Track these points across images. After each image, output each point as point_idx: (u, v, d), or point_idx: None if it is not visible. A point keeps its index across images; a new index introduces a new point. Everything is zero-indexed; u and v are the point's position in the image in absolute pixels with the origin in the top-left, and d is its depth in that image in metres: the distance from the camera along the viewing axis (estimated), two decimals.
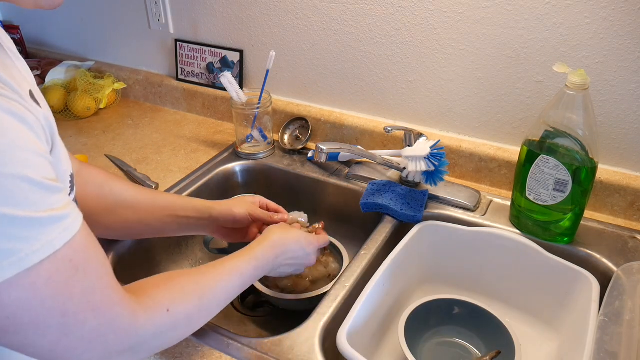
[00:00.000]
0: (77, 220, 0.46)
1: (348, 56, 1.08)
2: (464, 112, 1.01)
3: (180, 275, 0.61)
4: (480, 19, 0.91)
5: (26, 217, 0.41)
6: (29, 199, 0.41)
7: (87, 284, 0.47)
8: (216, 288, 0.63)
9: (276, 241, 0.75)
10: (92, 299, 0.47)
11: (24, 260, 0.41)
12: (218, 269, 0.65)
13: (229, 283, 0.65)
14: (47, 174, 0.43)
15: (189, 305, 0.58)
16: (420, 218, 0.91)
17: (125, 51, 1.43)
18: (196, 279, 0.61)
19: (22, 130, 0.43)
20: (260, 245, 0.72)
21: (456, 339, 0.83)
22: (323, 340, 0.70)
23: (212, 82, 1.29)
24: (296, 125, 1.17)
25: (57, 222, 0.43)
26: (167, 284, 0.58)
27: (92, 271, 0.47)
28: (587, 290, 0.76)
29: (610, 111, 0.88)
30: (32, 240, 0.41)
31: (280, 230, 0.77)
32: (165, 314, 0.55)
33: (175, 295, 0.57)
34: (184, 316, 0.58)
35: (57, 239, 0.43)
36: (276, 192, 1.11)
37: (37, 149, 0.44)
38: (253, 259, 0.70)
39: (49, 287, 0.43)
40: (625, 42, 0.82)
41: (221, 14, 1.21)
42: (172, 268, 1.01)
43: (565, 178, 0.79)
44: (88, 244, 0.48)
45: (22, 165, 0.41)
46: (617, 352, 0.64)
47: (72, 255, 0.45)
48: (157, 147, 1.19)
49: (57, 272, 0.44)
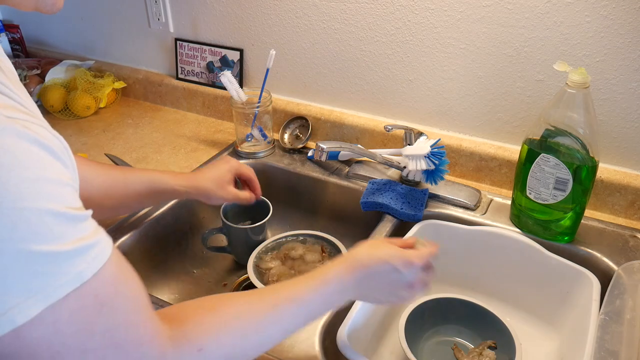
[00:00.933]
0: (107, 247, 0.44)
1: (348, 55, 1.08)
2: (464, 110, 1.01)
3: (225, 304, 0.54)
4: (481, 18, 0.91)
5: (51, 252, 0.39)
6: (54, 232, 0.39)
7: (112, 321, 0.43)
8: (266, 323, 0.54)
9: (355, 260, 0.61)
10: (116, 336, 0.44)
11: (50, 296, 0.39)
12: (272, 298, 0.55)
13: (288, 314, 0.55)
14: (72, 203, 0.42)
15: (226, 344, 0.51)
16: (421, 217, 0.91)
17: (125, 50, 1.43)
18: (242, 311, 0.53)
19: (47, 160, 0.41)
20: (333, 266, 0.60)
21: (456, 337, 0.83)
22: (323, 339, 0.70)
23: (212, 81, 1.29)
24: (296, 124, 1.17)
25: (86, 252, 0.41)
26: (206, 315, 0.51)
27: (119, 306, 0.44)
28: (588, 289, 0.76)
29: (611, 110, 0.88)
30: (59, 274, 0.39)
31: (364, 249, 0.63)
32: (196, 354, 0.49)
33: (212, 332, 0.50)
34: (220, 356, 0.51)
35: (86, 270, 0.41)
36: (276, 191, 1.11)
37: (62, 178, 0.42)
38: (322, 284, 0.58)
39: (71, 325, 0.41)
40: (626, 41, 0.82)
41: (221, 12, 1.20)
42: (172, 266, 1.01)
43: (566, 177, 0.78)
44: (119, 274, 0.45)
45: (48, 198, 0.39)
46: (618, 351, 0.64)
47: (99, 288, 0.42)
48: (157, 146, 1.19)
49: (80, 309, 0.41)
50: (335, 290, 0.59)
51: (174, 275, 1.01)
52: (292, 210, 1.12)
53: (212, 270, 1.05)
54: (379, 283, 0.61)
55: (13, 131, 0.39)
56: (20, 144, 0.39)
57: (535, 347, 0.81)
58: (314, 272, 0.59)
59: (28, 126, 0.40)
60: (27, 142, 0.39)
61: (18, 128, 0.39)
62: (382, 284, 0.62)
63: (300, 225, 1.11)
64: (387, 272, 0.61)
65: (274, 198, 1.04)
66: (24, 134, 0.39)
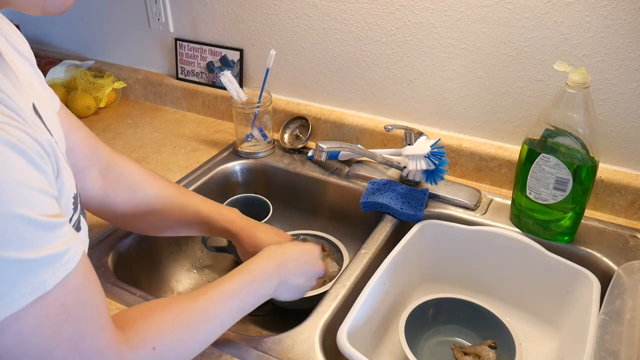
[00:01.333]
0: (76, 256, 0.43)
1: (348, 55, 1.08)
2: (464, 110, 1.01)
3: (168, 304, 0.58)
4: (481, 18, 0.91)
5: (21, 260, 0.38)
6: (26, 239, 0.39)
7: (77, 330, 0.44)
8: (207, 315, 0.59)
9: (272, 251, 0.70)
10: (80, 345, 0.44)
11: (10, 304, 0.38)
12: (208, 293, 0.60)
13: (223, 307, 0.60)
14: (47, 210, 0.41)
15: (176, 339, 0.55)
16: (421, 217, 0.91)
17: (125, 50, 1.43)
18: (184, 307, 0.58)
19: (22, 165, 0.40)
20: (254, 259, 0.68)
21: (456, 337, 0.82)
22: (323, 339, 0.70)
23: (212, 81, 1.29)
24: (296, 124, 1.17)
25: (53, 261, 0.41)
26: (154, 315, 0.55)
27: (84, 314, 0.44)
28: (588, 289, 0.76)
29: (611, 110, 0.88)
30: (22, 283, 0.38)
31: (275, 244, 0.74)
32: (151, 352, 0.52)
33: (162, 330, 0.54)
34: (172, 352, 0.55)
35: (49, 280, 0.40)
36: (276, 191, 1.11)
37: (38, 184, 0.41)
38: (247, 273, 0.65)
39: (35, 335, 0.40)
40: (626, 41, 0.82)
41: (221, 12, 1.20)
42: (172, 267, 1.01)
43: (566, 177, 0.78)
44: (84, 282, 0.45)
45: (19, 203, 0.38)
46: (618, 351, 0.64)
47: (64, 297, 0.42)
48: (157, 146, 1.19)
49: (47, 318, 0.41)
50: (260, 279, 0.65)
51: (174, 275, 1.01)
52: (292, 210, 1.12)
53: (212, 270, 1.05)
54: (295, 266, 0.70)
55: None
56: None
57: (535, 347, 0.81)
58: (241, 266, 0.66)
59: (5, 129, 0.39)
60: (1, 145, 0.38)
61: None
62: (299, 267, 0.71)
63: (300, 225, 1.11)
64: (299, 255, 0.72)
65: (274, 198, 1.04)
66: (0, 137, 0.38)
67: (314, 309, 0.74)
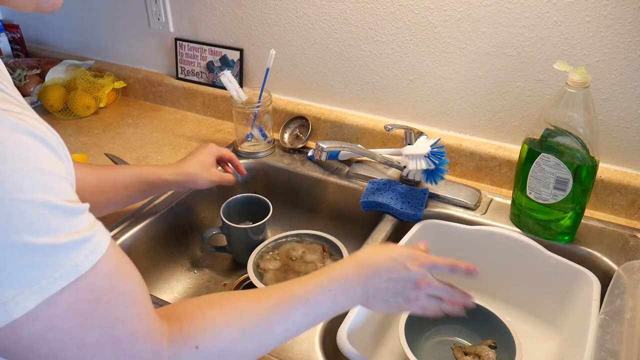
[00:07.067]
0: (104, 241, 0.43)
1: (348, 55, 1.08)
2: (464, 110, 1.01)
3: (226, 302, 0.53)
4: (481, 17, 0.91)
5: (47, 244, 0.38)
6: (50, 224, 0.39)
7: (109, 316, 0.43)
8: (270, 322, 0.52)
9: (362, 258, 0.59)
10: (113, 332, 0.43)
11: (46, 288, 0.39)
12: (277, 295, 0.54)
13: (290, 314, 0.53)
14: (68, 196, 0.41)
15: (227, 343, 0.50)
16: (421, 217, 0.91)
17: (125, 50, 1.43)
18: (245, 308, 0.52)
19: (42, 152, 0.40)
20: (339, 264, 0.59)
21: (456, 337, 0.82)
22: (323, 339, 0.70)
23: (212, 81, 1.29)
24: (296, 124, 1.17)
25: (82, 245, 0.41)
26: (205, 312, 0.51)
27: (116, 301, 0.44)
28: (588, 288, 0.76)
29: (611, 109, 0.88)
30: (55, 267, 0.39)
31: (371, 248, 0.62)
32: (193, 352, 0.48)
33: (211, 330, 0.50)
34: (219, 354, 0.50)
35: (82, 263, 0.41)
36: (276, 191, 1.11)
37: (58, 170, 0.41)
38: (326, 280, 0.56)
39: (67, 320, 0.41)
40: (626, 40, 0.82)
41: (221, 12, 1.20)
42: (172, 267, 1.01)
43: (566, 176, 0.78)
44: (116, 268, 0.44)
45: (43, 190, 0.39)
46: (618, 351, 0.64)
47: (95, 283, 0.42)
48: (157, 146, 1.19)
49: (77, 304, 0.41)
50: (341, 289, 0.56)
51: (174, 275, 1.01)
52: (292, 210, 1.12)
53: (212, 270, 1.05)
54: (386, 281, 0.58)
55: (7, 123, 0.39)
56: (14, 136, 0.38)
57: (535, 347, 0.81)
58: (320, 270, 0.57)
59: (23, 119, 0.40)
60: (21, 134, 0.39)
61: (12, 120, 0.39)
62: (390, 282, 0.58)
63: (300, 225, 1.11)
64: (394, 269, 0.59)
65: (274, 198, 1.04)
66: (19, 126, 0.39)
67: None
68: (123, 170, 0.85)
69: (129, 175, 0.85)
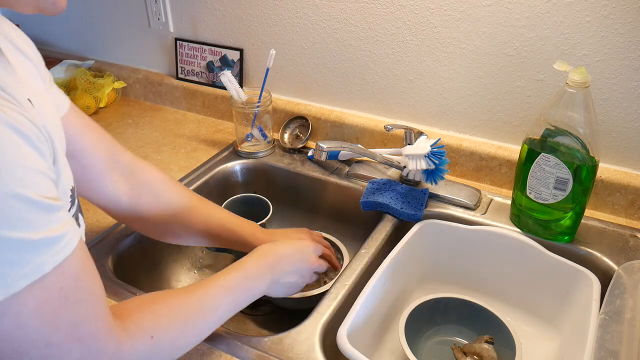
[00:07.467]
0: (73, 241, 0.44)
1: (348, 55, 1.08)
2: (464, 110, 1.01)
3: (166, 297, 0.59)
4: (481, 17, 0.91)
5: (20, 240, 0.38)
6: (25, 219, 0.39)
7: (76, 315, 0.44)
8: (203, 309, 0.60)
9: (266, 249, 0.72)
10: (79, 331, 0.44)
11: (10, 285, 0.38)
12: (204, 287, 0.62)
13: (217, 301, 0.62)
14: (46, 192, 0.41)
15: (173, 330, 0.56)
16: (421, 217, 0.91)
17: (125, 50, 1.43)
18: (181, 300, 0.59)
19: (21, 146, 0.40)
20: (248, 257, 0.70)
21: (456, 337, 0.82)
22: (323, 339, 0.70)
23: (212, 81, 1.29)
24: (296, 124, 1.17)
25: (52, 244, 0.41)
26: (151, 307, 0.56)
27: (82, 301, 0.45)
28: (588, 288, 0.76)
29: (611, 109, 0.88)
30: (21, 264, 0.39)
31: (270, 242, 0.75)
32: (149, 341, 0.53)
33: (160, 321, 0.55)
34: (169, 342, 0.55)
35: (47, 262, 0.41)
36: (276, 191, 1.11)
37: (37, 165, 0.41)
38: (241, 271, 0.67)
39: (35, 318, 0.41)
40: (626, 40, 0.82)
41: (221, 12, 1.20)
42: (172, 267, 1.01)
43: (566, 176, 0.78)
44: (82, 268, 0.45)
45: (20, 184, 0.38)
46: (618, 351, 0.64)
47: (62, 282, 0.42)
48: (157, 146, 1.19)
49: (46, 301, 0.41)
50: (253, 277, 0.67)
51: (174, 275, 1.01)
52: (292, 210, 1.12)
53: (212, 270, 1.05)
54: (288, 264, 0.72)
55: None
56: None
57: (535, 347, 0.81)
58: (235, 263, 0.68)
59: (4, 110, 0.40)
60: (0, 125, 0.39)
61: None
62: (292, 265, 0.72)
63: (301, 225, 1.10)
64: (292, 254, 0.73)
65: (274, 198, 1.04)
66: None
67: (314, 309, 0.74)
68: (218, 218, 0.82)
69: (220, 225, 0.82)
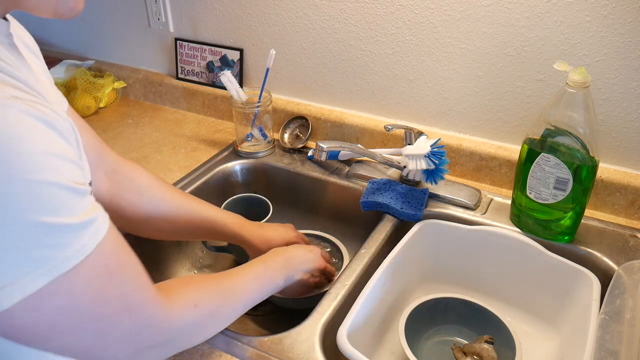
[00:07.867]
0: (105, 221, 0.47)
1: (348, 55, 1.08)
2: (464, 110, 1.01)
3: (200, 278, 0.64)
4: (481, 17, 0.91)
5: (63, 224, 0.41)
6: (65, 205, 0.41)
7: (122, 287, 0.48)
8: (235, 287, 0.65)
9: (279, 250, 0.78)
10: (127, 301, 0.48)
11: (57, 267, 0.41)
12: (232, 273, 0.67)
13: (245, 286, 0.67)
14: (77, 178, 0.44)
15: (213, 302, 0.60)
16: (421, 217, 0.91)
17: (125, 50, 1.43)
18: (216, 281, 0.64)
19: (53, 137, 0.42)
20: (265, 254, 0.76)
21: (456, 337, 0.82)
22: (323, 339, 0.70)
23: (212, 81, 1.29)
24: (296, 124, 1.17)
25: (89, 225, 0.44)
26: (190, 283, 0.60)
27: (125, 273, 0.49)
28: (588, 288, 0.76)
29: (611, 109, 0.88)
30: (65, 247, 0.41)
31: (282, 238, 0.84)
32: (193, 309, 0.57)
33: (201, 293, 0.59)
34: (210, 313, 0.60)
35: (88, 243, 0.43)
36: (276, 191, 1.11)
37: (68, 155, 0.44)
38: (262, 262, 0.72)
39: (86, 293, 0.44)
40: (626, 40, 0.82)
41: (221, 12, 1.20)
42: (172, 267, 1.01)
43: (566, 176, 0.78)
44: (118, 245, 0.48)
45: (57, 172, 0.41)
46: (618, 351, 0.64)
47: (104, 259, 0.45)
48: (157, 146, 1.19)
49: (93, 278, 0.44)
50: (273, 269, 0.73)
51: (174, 275, 1.01)
52: (292, 210, 1.12)
53: (212, 270, 1.05)
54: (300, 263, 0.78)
55: (18, 108, 0.40)
56: (26, 120, 0.40)
57: (535, 347, 0.81)
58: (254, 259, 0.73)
59: (33, 105, 0.42)
60: (32, 118, 0.41)
61: (23, 106, 0.41)
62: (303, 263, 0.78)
63: (301, 225, 1.10)
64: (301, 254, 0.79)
65: (274, 198, 1.04)
66: (29, 111, 0.41)
67: (314, 309, 0.74)
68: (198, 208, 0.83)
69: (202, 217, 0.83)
